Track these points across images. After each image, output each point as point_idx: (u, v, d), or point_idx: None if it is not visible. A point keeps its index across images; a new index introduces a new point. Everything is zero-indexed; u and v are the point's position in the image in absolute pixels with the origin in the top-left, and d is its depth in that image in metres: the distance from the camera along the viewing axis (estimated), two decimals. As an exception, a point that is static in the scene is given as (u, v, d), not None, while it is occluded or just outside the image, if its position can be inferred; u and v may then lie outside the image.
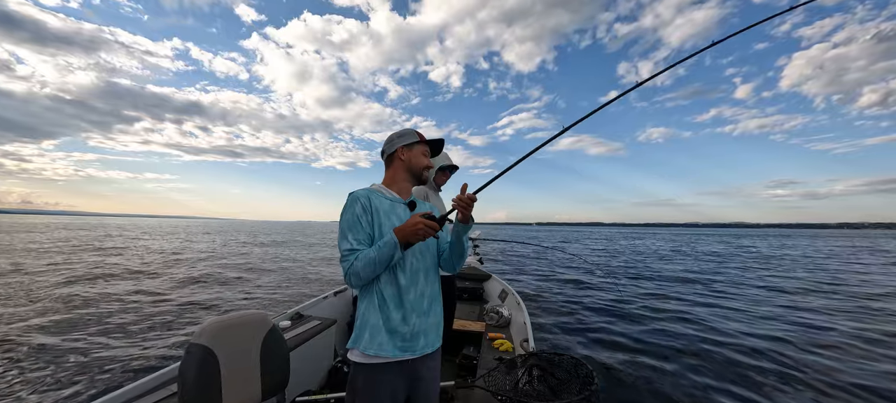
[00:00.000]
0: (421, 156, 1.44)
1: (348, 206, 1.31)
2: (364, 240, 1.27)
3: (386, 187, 1.44)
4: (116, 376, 3.77)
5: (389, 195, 1.41)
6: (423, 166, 1.45)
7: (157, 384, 1.78)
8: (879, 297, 8.45)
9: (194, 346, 1.33)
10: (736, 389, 3.76)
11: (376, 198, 1.36)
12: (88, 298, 6.89)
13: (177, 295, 7.43)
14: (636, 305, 7.49)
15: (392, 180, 1.46)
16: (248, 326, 1.49)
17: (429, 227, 1.20)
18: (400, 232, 1.22)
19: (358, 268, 1.20)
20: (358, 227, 1.27)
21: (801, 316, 6.73)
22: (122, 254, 13.60)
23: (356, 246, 1.24)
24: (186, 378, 1.29)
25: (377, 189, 1.42)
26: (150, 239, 22.77)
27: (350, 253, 1.23)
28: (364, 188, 1.41)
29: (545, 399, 1.75)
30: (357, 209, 1.29)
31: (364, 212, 1.30)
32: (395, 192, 1.43)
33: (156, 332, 5.15)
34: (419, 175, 1.45)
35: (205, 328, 1.37)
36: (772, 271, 13.29)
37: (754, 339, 5.28)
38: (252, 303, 7.25)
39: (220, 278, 9.44)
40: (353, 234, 1.26)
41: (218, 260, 12.52)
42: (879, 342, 5.23)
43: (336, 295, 3.61)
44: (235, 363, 1.40)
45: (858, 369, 4.26)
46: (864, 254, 21.35)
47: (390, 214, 1.35)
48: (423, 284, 1.35)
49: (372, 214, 1.31)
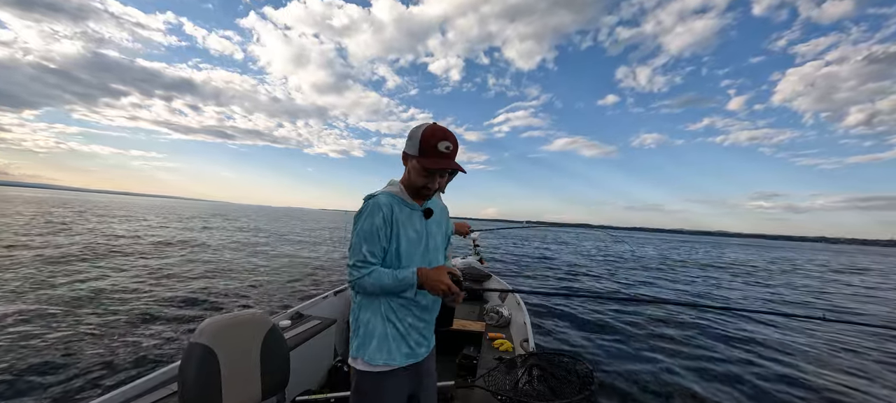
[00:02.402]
0: (415, 174, 1.23)
1: (369, 214, 1.19)
2: (379, 254, 1.19)
3: (404, 189, 1.30)
4: (116, 375, 3.76)
5: (408, 202, 1.28)
6: (419, 186, 1.24)
7: (157, 383, 1.78)
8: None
9: (194, 345, 1.33)
10: (736, 389, 3.77)
11: (398, 205, 1.24)
12: (87, 294, 6.89)
13: (176, 293, 7.43)
14: (636, 305, 7.49)
15: (405, 181, 1.31)
16: (248, 325, 1.49)
17: (450, 291, 1.16)
18: (424, 277, 1.16)
19: (367, 284, 1.15)
20: (375, 240, 1.17)
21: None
22: (117, 241, 13.61)
23: (370, 260, 1.17)
24: (186, 378, 1.29)
25: (397, 193, 1.28)
26: (138, 221, 22.60)
27: (363, 266, 1.16)
28: (385, 192, 1.27)
29: (545, 398, 1.75)
30: (378, 220, 1.17)
31: (385, 224, 1.19)
32: (410, 197, 1.30)
33: (155, 331, 5.15)
34: (416, 192, 1.28)
35: (205, 327, 1.37)
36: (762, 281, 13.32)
37: (754, 340, 5.29)
38: (252, 303, 7.25)
39: (217, 273, 9.44)
40: (369, 246, 1.17)
41: (214, 253, 12.52)
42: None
43: (336, 295, 3.60)
44: (235, 362, 1.40)
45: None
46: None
47: (407, 225, 1.25)
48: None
49: (392, 225, 1.21)
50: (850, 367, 4.51)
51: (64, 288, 7.27)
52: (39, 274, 8.07)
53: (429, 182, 1.22)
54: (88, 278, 8.17)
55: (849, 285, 13.44)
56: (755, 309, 7.74)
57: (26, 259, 9.51)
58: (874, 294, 11.41)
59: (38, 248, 11.01)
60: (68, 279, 7.91)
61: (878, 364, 4.63)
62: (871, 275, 17.66)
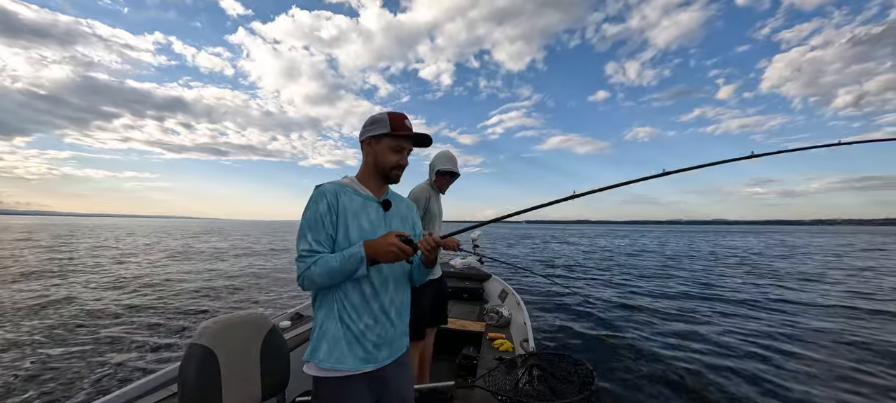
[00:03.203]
0: (387, 153, 1.20)
1: (312, 202, 1.15)
2: (324, 242, 1.12)
3: (358, 181, 1.26)
4: (116, 376, 3.77)
5: (362, 192, 1.23)
6: (391, 165, 1.21)
7: (157, 384, 1.78)
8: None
9: (194, 346, 1.33)
10: (736, 389, 3.77)
11: (346, 194, 1.19)
12: (88, 299, 6.89)
13: (176, 296, 7.43)
14: (636, 306, 7.50)
15: (363, 174, 1.27)
16: (248, 326, 1.49)
17: (402, 251, 1.06)
18: (370, 247, 1.07)
19: (314, 274, 1.07)
20: (319, 227, 1.12)
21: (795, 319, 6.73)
22: (116, 258, 13.62)
23: (315, 248, 1.11)
24: (187, 379, 1.28)
25: (348, 183, 1.24)
26: (133, 240, 22.76)
27: (308, 255, 1.10)
28: (334, 182, 1.23)
29: (545, 399, 1.75)
30: (321, 206, 1.13)
31: (328, 211, 1.14)
32: (369, 189, 1.25)
33: (155, 332, 5.15)
34: (386, 173, 1.23)
35: (205, 328, 1.37)
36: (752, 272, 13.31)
37: (753, 342, 5.29)
38: (252, 304, 7.25)
39: (216, 276, 9.44)
40: (314, 234, 1.12)
41: (214, 264, 12.52)
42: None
43: None
44: (235, 363, 1.40)
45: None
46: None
47: (360, 214, 1.18)
48: (394, 292, 1.22)
49: (337, 214, 1.15)
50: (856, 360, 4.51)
51: (62, 292, 7.27)
52: (38, 283, 8.07)
53: (401, 158, 1.23)
54: (86, 284, 8.17)
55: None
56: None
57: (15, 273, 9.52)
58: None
59: (36, 264, 11.01)
60: (66, 285, 7.90)
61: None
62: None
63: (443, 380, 2.35)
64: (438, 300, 2.48)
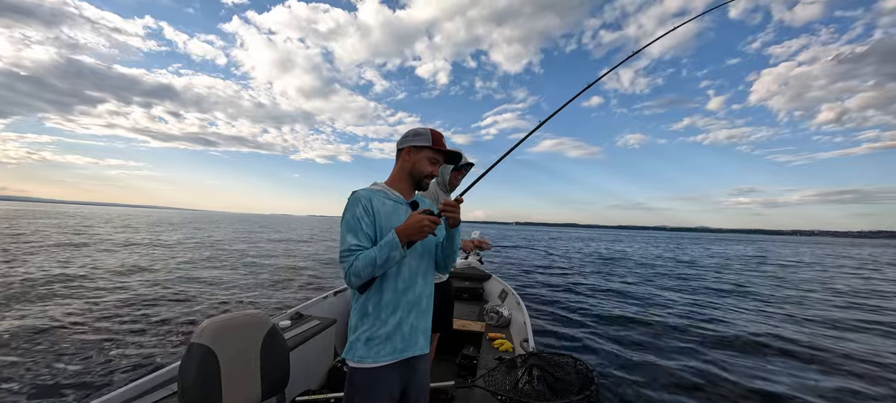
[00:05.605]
0: (425, 163, 1.37)
1: (349, 207, 1.28)
2: (365, 242, 1.25)
3: (389, 187, 1.39)
4: (116, 376, 3.76)
5: (393, 196, 1.37)
6: (425, 174, 1.38)
7: (156, 384, 1.78)
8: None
9: (194, 346, 1.33)
10: (736, 389, 3.77)
11: (378, 199, 1.31)
12: (85, 297, 6.89)
13: (175, 294, 7.43)
14: (635, 307, 7.50)
15: (395, 178, 1.41)
16: (248, 326, 1.49)
17: (432, 222, 1.19)
18: (401, 230, 1.19)
19: (358, 268, 1.18)
20: (358, 228, 1.25)
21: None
22: (108, 248, 13.64)
23: (356, 246, 1.23)
24: (186, 378, 1.29)
25: (380, 189, 1.37)
26: (125, 233, 22.77)
27: (350, 253, 1.22)
28: (366, 188, 1.36)
29: (545, 399, 1.75)
30: (358, 210, 1.26)
31: (365, 214, 1.27)
32: (398, 192, 1.38)
33: (155, 332, 5.15)
34: (418, 181, 1.40)
35: (205, 328, 1.37)
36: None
37: (753, 342, 5.29)
38: (252, 303, 7.25)
39: (216, 275, 9.44)
40: (353, 234, 1.24)
41: (210, 259, 12.53)
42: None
43: (336, 295, 3.61)
44: (235, 363, 1.40)
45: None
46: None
47: (392, 217, 1.31)
48: (422, 286, 1.35)
49: (373, 216, 1.28)
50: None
51: (60, 288, 7.27)
52: (34, 278, 8.07)
53: (434, 170, 1.39)
54: (84, 281, 8.17)
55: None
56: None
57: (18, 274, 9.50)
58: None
59: (30, 256, 11.00)
60: (63, 283, 7.90)
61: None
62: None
63: (443, 380, 2.36)
64: (443, 306, 2.48)
